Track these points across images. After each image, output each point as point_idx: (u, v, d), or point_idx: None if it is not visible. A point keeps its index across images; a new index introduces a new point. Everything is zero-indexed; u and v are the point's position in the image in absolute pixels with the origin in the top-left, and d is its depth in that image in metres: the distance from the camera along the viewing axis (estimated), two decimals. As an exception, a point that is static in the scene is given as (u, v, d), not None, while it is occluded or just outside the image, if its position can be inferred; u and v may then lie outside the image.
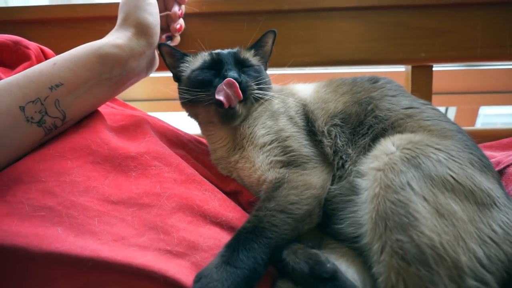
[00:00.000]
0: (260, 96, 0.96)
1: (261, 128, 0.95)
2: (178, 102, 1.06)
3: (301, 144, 0.92)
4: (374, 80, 1.01)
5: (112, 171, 0.85)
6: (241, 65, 0.99)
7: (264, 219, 0.78)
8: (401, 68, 1.45)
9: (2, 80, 0.82)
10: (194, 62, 1.01)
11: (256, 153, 0.92)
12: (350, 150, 0.88)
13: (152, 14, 0.98)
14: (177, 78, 1.06)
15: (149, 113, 1.20)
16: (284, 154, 0.91)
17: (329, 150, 0.91)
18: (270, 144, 0.93)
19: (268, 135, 0.94)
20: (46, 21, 1.37)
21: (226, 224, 0.83)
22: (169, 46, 1.05)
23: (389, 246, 0.64)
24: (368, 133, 0.88)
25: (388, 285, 0.63)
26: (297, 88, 1.08)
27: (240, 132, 0.95)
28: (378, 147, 0.79)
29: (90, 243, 0.70)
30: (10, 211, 0.72)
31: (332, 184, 0.87)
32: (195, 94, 0.93)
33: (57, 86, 0.84)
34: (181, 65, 1.03)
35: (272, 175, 0.88)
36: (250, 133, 0.94)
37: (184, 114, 1.09)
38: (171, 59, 1.05)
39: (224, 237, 0.80)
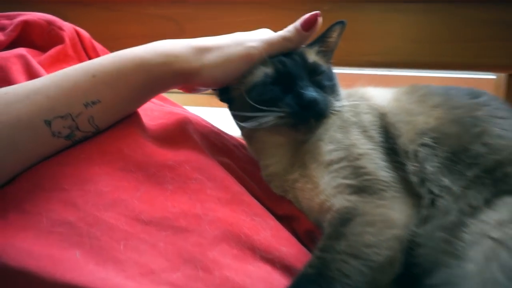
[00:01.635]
0: (339, 110, 0.79)
1: (328, 142, 0.77)
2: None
3: (377, 165, 0.73)
4: (474, 95, 0.79)
5: (145, 182, 0.71)
6: (312, 73, 0.80)
7: (332, 265, 0.60)
8: (489, 75, 1.20)
9: (28, 84, 0.70)
10: (250, 76, 0.79)
11: (321, 172, 0.74)
12: (446, 181, 0.67)
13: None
14: (225, 98, 0.86)
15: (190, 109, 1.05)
16: (356, 177, 0.72)
17: (414, 178, 0.71)
18: (338, 162, 0.74)
19: (336, 151, 0.76)
20: (87, 1, 1.25)
21: (280, 262, 0.66)
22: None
23: None
24: (477, 163, 0.67)
25: None
26: (370, 92, 0.89)
27: (303, 146, 0.78)
28: (503, 207, 0.58)
29: (113, 276, 0.57)
30: (26, 224, 0.61)
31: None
32: (257, 117, 0.75)
33: (93, 103, 0.70)
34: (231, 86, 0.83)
35: (339, 202, 0.70)
36: (315, 148, 0.76)
37: (222, 110, 0.93)
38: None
39: (276, 280, 0.64)
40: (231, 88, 0.84)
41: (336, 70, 0.97)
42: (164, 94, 1.05)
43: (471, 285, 0.54)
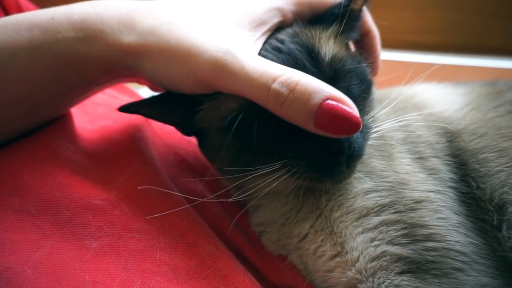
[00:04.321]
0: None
1: (364, 175, 0.46)
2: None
3: (448, 223, 0.43)
4: None
5: (51, 233, 0.44)
6: (332, 81, 0.43)
7: None
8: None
9: None
10: (225, 101, 0.45)
11: (350, 228, 0.44)
12: None
13: None
14: (188, 129, 0.52)
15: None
16: (412, 242, 0.43)
17: None
18: (379, 213, 0.45)
19: (374, 192, 0.45)
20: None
21: None
22: (150, 104, 0.48)
23: None
24: None
25: None
26: (424, 93, 0.57)
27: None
28: None
29: None
30: None
31: None
32: (250, 175, 0.43)
33: None
34: (198, 111, 0.48)
35: (383, 286, 0.40)
36: (342, 186, 0.46)
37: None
38: (168, 117, 0.50)
39: None
40: (196, 112, 0.48)
41: None
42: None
43: None
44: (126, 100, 0.68)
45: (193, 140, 0.64)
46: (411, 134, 0.50)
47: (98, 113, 0.62)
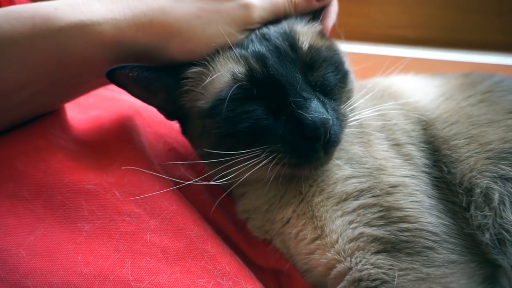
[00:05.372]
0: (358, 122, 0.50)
1: (344, 162, 0.49)
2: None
3: (421, 205, 0.46)
4: None
5: (45, 217, 0.46)
6: (310, 68, 0.48)
7: None
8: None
9: None
10: (211, 75, 0.48)
11: (330, 212, 0.47)
12: None
13: None
14: (171, 114, 0.54)
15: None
16: (387, 224, 0.45)
17: (484, 235, 0.43)
18: (357, 197, 0.47)
19: (353, 178, 0.48)
20: None
21: None
22: (138, 68, 0.48)
23: None
24: None
25: None
26: (402, 84, 0.60)
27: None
28: None
29: None
30: None
31: None
32: (232, 161, 0.46)
33: None
34: (180, 93, 0.51)
35: (360, 267, 0.44)
36: (323, 172, 0.49)
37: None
38: (154, 90, 0.50)
39: None
40: (181, 91, 0.50)
41: (350, 48, 0.66)
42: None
43: None
44: (117, 91, 0.70)
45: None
46: (388, 122, 0.53)
47: (89, 103, 0.63)
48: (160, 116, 0.64)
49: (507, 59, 0.83)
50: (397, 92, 0.58)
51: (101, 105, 0.62)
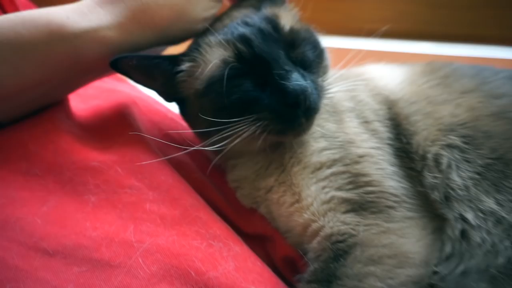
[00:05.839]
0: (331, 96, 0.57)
1: (318, 136, 0.56)
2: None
3: (384, 172, 0.53)
4: None
5: (55, 191, 0.51)
6: (291, 46, 0.55)
7: None
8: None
9: None
10: (203, 65, 0.55)
11: (306, 179, 0.54)
12: (489, 202, 0.47)
13: None
14: (170, 96, 0.61)
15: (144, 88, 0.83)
16: (355, 188, 0.52)
17: (434, 194, 0.51)
18: (330, 166, 0.54)
19: (328, 150, 0.55)
20: None
21: None
22: (138, 57, 0.55)
23: None
24: None
25: None
26: (373, 71, 0.67)
27: (283, 143, 0.56)
28: None
29: None
30: None
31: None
32: (224, 132, 0.52)
33: None
34: (177, 78, 0.57)
35: (331, 224, 0.51)
36: (300, 145, 0.55)
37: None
38: (153, 75, 0.57)
39: None
40: (178, 80, 0.57)
41: (328, 42, 0.74)
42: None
43: None
44: (113, 83, 0.76)
45: (175, 117, 0.72)
46: (359, 103, 0.60)
47: (89, 94, 0.69)
48: (154, 106, 0.71)
49: (470, 50, 0.91)
50: (368, 78, 0.66)
51: (100, 95, 0.68)
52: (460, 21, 0.90)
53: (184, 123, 0.67)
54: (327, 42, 0.69)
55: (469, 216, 0.48)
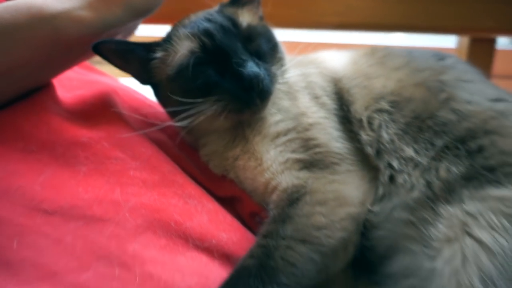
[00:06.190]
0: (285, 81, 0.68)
1: (274, 112, 0.66)
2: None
3: (330, 135, 0.64)
4: (439, 56, 0.71)
5: (50, 163, 0.58)
6: (248, 40, 0.65)
7: (276, 252, 0.51)
8: (449, 45, 1.13)
9: None
10: (173, 54, 0.64)
11: (266, 146, 0.64)
12: (409, 150, 0.59)
13: None
14: (145, 80, 0.70)
15: (123, 81, 0.91)
16: (306, 150, 0.63)
17: (369, 149, 0.62)
18: (285, 134, 0.64)
19: (283, 121, 0.65)
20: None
21: (218, 251, 0.57)
22: (117, 42, 0.65)
23: None
24: (446, 131, 0.59)
25: None
26: (324, 56, 0.78)
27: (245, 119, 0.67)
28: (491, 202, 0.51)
29: (2, 283, 0.46)
30: None
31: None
32: (191, 111, 0.61)
33: None
34: (151, 64, 0.67)
35: (287, 180, 0.61)
36: (259, 119, 0.65)
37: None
38: (129, 60, 0.66)
39: (214, 272, 0.54)
40: (152, 66, 0.66)
41: (288, 35, 0.85)
42: (91, 62, 0.89)
43: (442, 286, 0.47)
44: (95, 76, 0.84)
45: (152, 104, 0.81)
46: (311, 82, 0.71)
47: (73, 85, 0.76)
48: (133, 95, 0.79)
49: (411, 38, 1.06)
50: (320, 61, 0.77)
51: (83, 86, 0.76)
52: (400, 12, 1.03)
53: (160, 108, 0.77)
54: (285, 34, 0.80)
55: (395, 163, 0.59)
